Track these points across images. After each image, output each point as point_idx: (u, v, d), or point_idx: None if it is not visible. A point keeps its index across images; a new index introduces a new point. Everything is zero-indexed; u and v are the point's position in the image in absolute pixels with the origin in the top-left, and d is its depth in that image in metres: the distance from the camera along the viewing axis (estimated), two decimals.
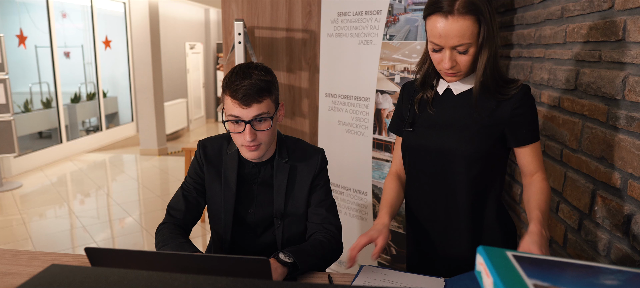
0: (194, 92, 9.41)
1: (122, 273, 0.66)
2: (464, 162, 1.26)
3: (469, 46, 1.16)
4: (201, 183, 1.44)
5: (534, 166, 1.28)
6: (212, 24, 10.30)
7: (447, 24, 1.14)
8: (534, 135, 1.26)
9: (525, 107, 1.23)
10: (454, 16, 1.13)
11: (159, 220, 3.97)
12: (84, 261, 1.29)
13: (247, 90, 1.23)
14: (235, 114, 1.26)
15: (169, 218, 1.40)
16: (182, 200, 1.42)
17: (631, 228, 1.28)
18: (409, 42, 2.20)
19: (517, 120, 1.24)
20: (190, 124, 9.08)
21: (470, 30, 1.14)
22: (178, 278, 0.65)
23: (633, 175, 1.28)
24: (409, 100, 1.39)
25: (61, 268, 0.68)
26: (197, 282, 0.64)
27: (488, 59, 1.19)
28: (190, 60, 9.19)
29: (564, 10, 1.72)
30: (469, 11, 1.12)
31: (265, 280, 0.65)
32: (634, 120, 1.28)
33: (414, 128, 1.34)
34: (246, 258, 0.78)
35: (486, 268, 0.60)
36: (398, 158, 1.45)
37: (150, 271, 0.69)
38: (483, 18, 1.14)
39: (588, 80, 1.52)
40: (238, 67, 1.29)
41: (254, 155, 1.31)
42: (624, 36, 1.34)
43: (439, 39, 1.16)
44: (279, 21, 3.07)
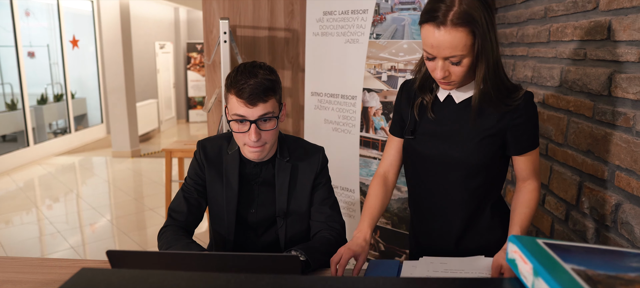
0: (165, 92, 9.23)
1: (159, 275, 0.66)
2: (466, 172, 1.26)
3: (463, 57, 1.12)
4: (202, 184, 1.43)
5: (528, 173, 1.28)
6: (182, 23, 10.13)
7: (440, 34, 1.09)
8: (533, 143, 1.26)
9: (528, 116, 1.22)
10: (447, 27, 1.08)
11: (135, 224, 3.89)
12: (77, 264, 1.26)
13: (253, 89, 1.22)
14: (240, 113, 1.25)
15: (170, 221, 1.38)
16: (183, 202, 1.40)
17: (619, 217, 1.35)
18: (395, 41, 2.23)
19: (518, 129, 1.23)
20: (161, 125, 8.90)
21: (464, 42, 1.10)
22: (218, 277, 0.65)
23: (620, 167, 1.35)
24: (408, 102, 1.36)
25: (93, 271, 0.67)
26: (239, 281, 0.64)
27: (486, 71, 1.15)
28: (160, 60, 9.01)
29: (547, 11, 1.79)
30: (462, 22, 1.08)
31: (306, 276, 0.66)
32: (620, 115, 1.35)
33: (415, 136, 1.32)
34: (276, 256, 0.78)
35: (523, 255, 0.63)
36: (388, 159, 1.42)
37: (187, 271, 0.68)
38: (478, 30, 1.09)
39: (573, 77, 1.59)
40: (243, 66, 1.28)
41: (257, 155, 1.31)
42: (609, 35, 1.41)
43: (432, 49, 1.13)
44: (261, 20, 3.06)
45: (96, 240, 3.61)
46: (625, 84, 1.32)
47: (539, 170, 1.30)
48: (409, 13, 2.19)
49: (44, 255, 3.36)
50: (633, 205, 1.30)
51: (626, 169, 1.32)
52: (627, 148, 1.31)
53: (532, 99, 1.23)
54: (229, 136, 1.44)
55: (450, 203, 1.32)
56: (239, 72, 1.26)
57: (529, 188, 1.27)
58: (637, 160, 1.27)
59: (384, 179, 1.40)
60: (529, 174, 1.28)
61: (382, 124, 2.34)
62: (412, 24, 2.18)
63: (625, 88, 1.32)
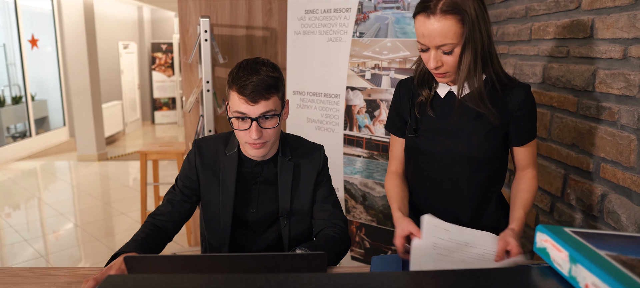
0: (129, 93, 8.97)
1: (189, 279, 0.64)
2: (472, 166, 1.29)
3: (454, 46, 1.15)
4: (190, 187, 1.40)
5: (528, 162, 1.32)
6: (146, 22, 9.87)
7: (430, 23, 1.14)
8: (532, 134, 1.30)
9: (528, 108, 1.26)
10: (437, 16, 1.13)
11: (106, 229, 3.77)
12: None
13: (255, 86, 1.20)
14: (241, 111, 1.23)
15: (149, 218, 1.37)
16: (166, 203, 1.39)
17: (605, 207, 1.42)
18: (379, 39, 2.25)
19: (520, 121, 1.26)
20: (126, 127, 8.64)
21: (453, 30, 1.13)
22: (249, 278, 0.64)
23: (605, 159, 1.41)
24: (408, 100, 1.37)
25: (120, 278, 0.65)
26: (276, 281, 0.63)
27: (472, 60, 1.17)
28: (124, 60, 8.74)
29: (528, 10, 1.86)
30: (451, 11, 1.12)
31: (338, 274, 0.66)
32: (605, 110, 1.41)
33: (419, 133, 1.33)
34: (302, 254, 0.77)
35: (556, 243, 0.65)
36: (398, 157, 1.43)
37: (212, 274, 0.67)
38: (467, 18, 1.13)
39: (556, 74, 1.65)
40: (245, 63, 1.26)
41: (258, 153, 1.29)
42: (592, 33, 1.47)
43: (423, 39, 1.17)
44: (239, 19, 3.02)
45: (68, 247, 3.47)
46: (609, 80, 1.39)
47: (536, 159, 1.35)
48: (392, 11, 2.21)
49: (5, 266, 3.20)
50: (619, 195, 1.37)
51: (611, 161, 1.39)
52: (612, 141, 1.38)
53: (530, 91, 1.27)
54: (227, 137, 1.42)
55: (457, 198, 1.34)
56: (241, 69, 1.24)
57: (529, 175, 1.32)
58: (623, 152, 1.33)
59: (398, 174, 1.43)
60: (528, 163, 1.33)
61: (366, 122, 2.36)
62: (396, 22, 2.20)
63: (609, 84, 1.39)
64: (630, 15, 1.30)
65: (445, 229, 1.18)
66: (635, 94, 1.28)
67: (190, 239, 3.37)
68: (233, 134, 1.41)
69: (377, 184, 2.37)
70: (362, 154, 2.39)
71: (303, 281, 0.62)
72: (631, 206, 1.31)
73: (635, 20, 1.28)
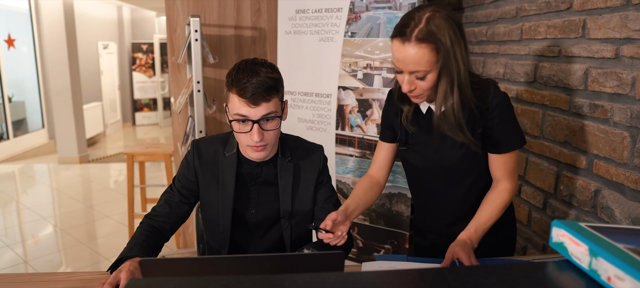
0: (109, 94, 8.81)
1: (215, 281, 0.64)
2: (459, 174, 1.33)
3: (427, 73, 1.16)
4: (188, 188, 1.38)
5: (501, 173, 1.29)
6: (126, 22, 9.71)
7: (405, 49, 1.14)
8: (507, 145, 1.26)
9: (500, 118, 1.24)
10: (412, 43, 1.13)
11: (90, 233, 3.69)
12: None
13: (256, 88, 1.19)
14: (242, 113, 1.21)
15: (145, 218, 1.35)
16: (164, 204, 1.37)
17: (599, 202, 1.45)
18: (371, 39, 2.27)
19: (491, 131, 1.25)
20: (106, 128, 8.49)
21: (427, 58, 1.13)
22: (271, 279, 0.64)
23: (598, 156, 1.45)
24: (395, 113, 1.39)
25: (142, 282, 0.64)
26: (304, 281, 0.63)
27: (449, 88, 1.17)
28: (103, 60, 8.58)
29: (518, 10, 1.89)
30: (426, 39, 1.12)
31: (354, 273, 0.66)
32: (597, 107, 1.44)
33: (408, 147, 1.36)
34: (321, 254, 0.77)
35: (574, 238, 0.66)
36: (377, 162, 1.45)
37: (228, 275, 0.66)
38: (441, 47, 1.13)
39: (548, 73, 1.69)
40: (244, 64, 1.25)
41: (260, 155, 1.28)
42: (583, 33, 1.51)
43: (398, 63, 1.19)
44: (227, 18, 3.00)
45: (50, 253, 3.39)
46: (602, 78, 1.42)
47: (513, 173, 1.30)
48: (384, 11, 2.23)
49: None
50: (612, 191, 1.40)
51: (604, 158, 1.42)
52: (605, 138, 1.41)
53: (504, 99, 1.24)
54: (226, 138, 1.40)
55: (449, 203, 1.38)
56: (240, 71, 1.22)
57: (500, 188, 1.30)
58: (616, 148, 1.37)
59: (371, 178, 1.44)
60: (502, 174, 1.29)
61: (358, 122, 2.37)
62: (388, 22, 2.22)
63: (602, 82, 1.42)
64: (622, 15, 1.34)
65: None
66: (628, 92, 1.32)
67: (179, 241, 3.33)
68: (232, 135, 1.40)
69: None
70: (354, 154, 2.40)
71: (330, 279, 0.62)
72: (624, 201, 1.35)
73: (627, 20, 1.32)
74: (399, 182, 2.29)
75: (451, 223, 1.40)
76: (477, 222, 1.26)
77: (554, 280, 0.64)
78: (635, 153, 1.30)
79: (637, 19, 1.29)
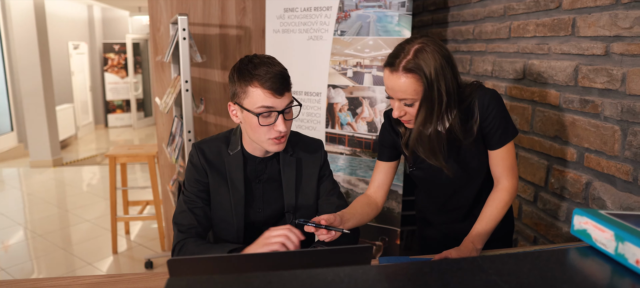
0: (81, 96, 8.57)
1: (257, 277, 0.63)
2: (472, 179, 1.39)
3: (414, 101, 1.22)
4: (204, 190, 1.35)
5: (500, 170, 1.32)
6: (97, 22, 9.46)
7: (393, 78, 1.21)
8: (499, 141, 1.30)
9: (490, 117, 1.28)
10: (399, 73, 1.20)
11: (66, 238, 3.59)
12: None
13: (280, 79, 1.20)
14: (268, 105, 1.21)
15: (182, 235, 1.28)
16: (189, 214, 1.31)
17: (590, 194, 1.51)
18: (361, 38, 2.29)
19: (488, 129, 1.30)
20: (78, 131, 8.27)
21: (413, 87, 1.19)
22: (303, 274, 0.64)
23: (589, 149, 1.50)
24: (396, 133, 1.41)
25: (183, 281, 0.63)
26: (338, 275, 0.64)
27: (426, 116, 1.22)
28: (74, 61, 8.35)
29: (506, 9, 1.94)
30: (412, 70, 1.18)
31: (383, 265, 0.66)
32: (588, 103, 1.50)
33: (417, 166, 1.41)
34: (349, 248, 0.78)
35: (598, 224, 0.69)
36: (376, 182, 1.47)
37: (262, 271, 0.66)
38: (425, 79, 1.18)
39: (538, 70, 1.74)
40: (257, 59, 1.24)
41: (281, 147, 1.28)
42: (573, 31, 1.56)
43: (388, 90, 1.26)
44: (212, 17, 2.97)
45: (24, 260, 3.27)
46: (592, 74, 1.48)
47: (513, 169, 1.33)
48: (374, 10, 2.25)
49: None
50: (603, 182, 1.46)
51: (595, 151, 1.48)
52: (596, 132, 1.47)
53: (493, 97, 1.28)
54: (227, 137, 1.39)
55: (460, 205, 1.44)
56: (256, 65, 1.22)
57: (500, 188, 1.33)
58: (607, 141, 1.42)
59: (369, 198, 1.45)
60: (501, 171, 1.33)
61: (349, 120, 2.38)
62: (378, 20, 2.24)
63: (592, 78, 1.48)
64: (612, 14, 1.39)
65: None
66: (618, 88, 1.37)
67: (164, 244, 3.27)
68: (233, 133, 1.39)
69: (360, 181, 2.40)
70: (345, 151, 2.42)
71: (371, 272, 0.63)
72: (615, 192, 1.41)
73: (616, 19, 1.37)
74: None
75: (464, 216, 1.45)
76: (480, 229, 1.30)
77: (583, 265, 0.66)
78: (626, 146, 1.36)
79: (626, 17, 1.34)
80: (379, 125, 2.31)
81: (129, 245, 3.43)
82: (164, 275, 1.14)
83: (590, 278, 0.64)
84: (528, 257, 0.68)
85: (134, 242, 3.49)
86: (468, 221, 1.39)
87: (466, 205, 1.44)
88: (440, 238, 1.51)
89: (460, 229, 1.46)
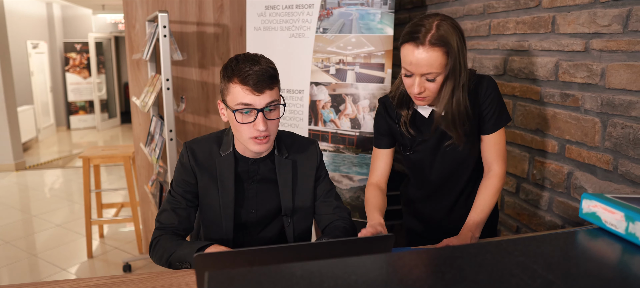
0: (41, 97, 8.24)
1: (295, 267, 0.64)
2: (466, 164, 1.43)
3: (437, 75, 1.26)
4: (190, 191, 1.34)
5: (492, 156, 1.38)
6: (57, 20, 9.12)
7: (418, 53, 1.23)
8: (497, 124, 1.36)
9: (488, 100, 1.35)
10: (425, 46, 1.22)
11: (37, 245, 3.45)
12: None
13: (259, 76, 1.18)
14: (246, 102, 1.19)
15: (159, 232, 1.29)
16: (172, 214, 1.31)
17: (572, 183, 1.59)
18: (343, 35, 2.31)
19: (485, 112, 1.36)
20: (39, 133, 7.95)
21: (439, 61, 1.23)
22: (325, 264, 0.66)
23: (570, 141, 1.58)
24: (393, 119, 1.45)
25: (220, 274, 0.63)
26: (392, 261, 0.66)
27: (452, 91, 1.28)
28: (33, 61, 8.02)
29: (486, 8, 2.01)
30: (438, 44, 1.22)
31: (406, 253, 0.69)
32: (568, 97, 1.58)
33: (413, 149, 1.44)
34: (371, 238, 0.79)
35: (607, 207, 0.74)
36: (378, 171, 1.50)
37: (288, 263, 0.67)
38: (451, 51, 1.23)
39: (518, 66, 1.81)
40: (242, 56, 1.24)
41: (263, 147, 1.25)
42: (553, 29, 1.63)
43: (410, 66, 1.26)
44: (189, 15, 2.93)
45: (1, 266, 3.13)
46: (572, 70, 1.55)
47: (504, 155, 1.40)
48: (356, 8, 2.28)
49: None
50: (584, 172, 1.54)
51: (576, 142, 1.55)
52: (577, 124, 1.54)
53: (491, 81, 1.36)
54: (219, 137, 1.37)
55: (448, 195, 1.49)
56: (240, 61, 1.21)
57: (491, 174, 1.39)
58: (588, 133, 1.50)
59: (378, 186, 1.48)
60: (493, 157, 1.39)
61: (332, 116, 2.40)
62: (360, 18, 2.27)
63: (572, 73, 1.55)
64: (591, 12, 1.47)
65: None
66: (598, 82, 1.45)
67: (141, 247, 3.20)
68: (226, 133, 1.38)
69: (343, 177, 2.42)
70: (328, 148, 2.44)
71: (409, 258, 0.65)
72: (596, 180, 1.49)
73: (595, 17, 1.45)
74: None
75: (451, 208, 1.48)
76: (477, 217, 1.35)
77: (597, 245, 0.70)
78: (606, 137, 1.44)
79: (605, 15, 1.42)
80: (362, 122, 2.34)
81: (103, 249, 3.34)
82: (169, 274, 1.13)
83: (607, 256, 0.68)
84: (546, 239, 0.72)
85: (108, 245, 3.40)
86: (455, 213, 1.45)
87: (454, 196, 1.49)
88: (426, 231, 1.55)
89: (447, 222, 1.51)
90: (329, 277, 0.59)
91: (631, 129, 1.35)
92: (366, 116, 2.33)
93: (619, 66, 1.38)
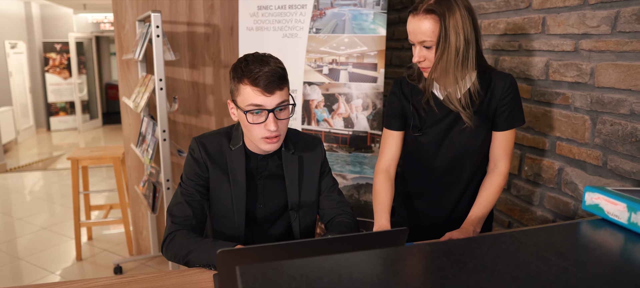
0: (20, 98, 8.08)
1: (326, 260, 0.66)
2: (471, 156, 1.45)
3: (433, 43, 1.29)
4: (203, 185, 1.35)
5: (500, 152, 1.42)
6: (36, 19, 8.94)
7: (414, 21, 1.30)
8: (512, 122, 1.40)
9: (510, 97, 1.38)
10: (420, 14, 1.29)
11: (24, 248, 3.39)
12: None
13: (270, 77, 1.20)
14: (257, 103, 1.22)
15: (175, 227, 1.29)
16: (186, 207, 1.31)
17: (563, 179, 1.64)
18: (336, 35, 2.34)
19: (501, 109, 1.39)
20: (18, 135, 7.78)
21: (431, 29, 1.27)
22: (343, 258, 0.68)
23: (561, 138, 1.64)
24: (407, 99, 1.48)
25: (251, 267, 0.65)
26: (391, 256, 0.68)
27: (441, 58, 1.29)
28: (12, 61, 7.85)
29: (477, 8, 2.06)
30: (431, 12, 1.27)
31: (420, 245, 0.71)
32: (559, 95, 1.63)
33: (424, 131, 1.46)
34: (386, 231, 0.82)
35: (610, 199, 0.78)
36: (389, 154, 1.52)
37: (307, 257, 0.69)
38: (443, 20, 1.26)
39: (509, 65, 1.86)
40: (251, 56, 1.26)
41: (274, 147, 1.28)
42: (543, 29, 1.69)
43: (410, 35, 1.33)
44: (179, 15, 2.92)
45: None
46: (562, 69, 1.61)
47: (511, 153, 1.44)
48: (349, 8, 2.31)
49: None
50: (574, 168, 1.59)
51: (567, 139, 1.61)
52: (567, 121, 1.60)
53: (514, 81, 1.40)
54: (228, 132, 1.39)
55: (450, 189, 1.50)
56: (250, 62, 1.23)
57: (496, 171, 1.43)
58: (578, 130, 1.56)
59: (388, 173, 1.51)
60: (500, 154, 1.42)
61: (325, 116, 2.43)
62: (353, 18, 2.30)
63: (563, 72, 1.61)
64: (580, 14, 1.52)
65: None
66: (587, 81, 1.51)
67: (132, 248, 3.17)
68: (235, 128, 1.40)
69: (337, 176, 2.45)
70: None
71: (429, 249, 0.68)
72: (586, 176, 1.54)
73: (585, 18, 1.51)
74: (366, 173, 2.39)
75: (453, 206, 1.52)
76: (479, 212, 1.38)
77: (602, 235, 0.74)
78: (595, 134, 1.49)
79: (593, 17, 1.47)
80: (355, 121, 2.37)
81: (92, 251, 3.30)
82: (178, 273, 1.14)
83: (612, 244, 0.72)
84: (554, 230, 0.76)
85: (97, 247, 3.36)
86: (456, 210, 1.48)
87: (455, 191, 1.50)
88: (426, 226, 1.58)
89: (447, 218, 1.54)
90: (356, 269, 0.61)
91: (620, 126, 1.41)
92: (359, 115, 2.36)
93: (608, 66, 1.44)
